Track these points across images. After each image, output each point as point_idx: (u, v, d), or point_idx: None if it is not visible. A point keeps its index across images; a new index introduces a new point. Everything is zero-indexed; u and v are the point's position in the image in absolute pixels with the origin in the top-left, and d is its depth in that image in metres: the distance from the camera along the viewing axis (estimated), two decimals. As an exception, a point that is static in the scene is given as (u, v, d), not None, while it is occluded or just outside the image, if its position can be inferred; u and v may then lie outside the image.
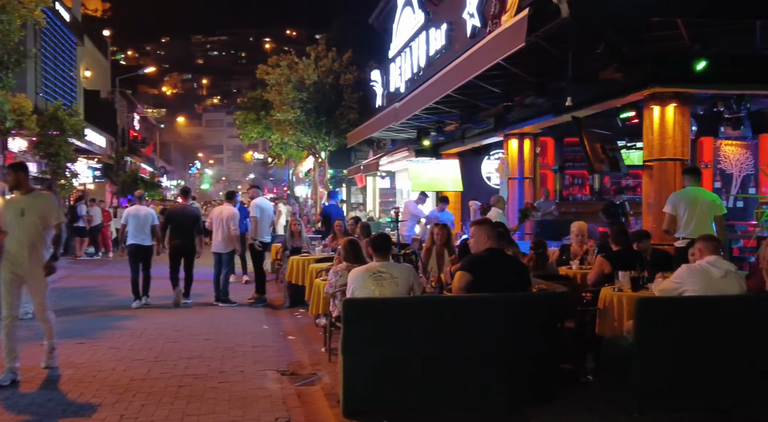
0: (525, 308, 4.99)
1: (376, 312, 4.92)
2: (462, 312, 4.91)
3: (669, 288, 5.20)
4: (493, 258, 5.26)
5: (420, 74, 11.70)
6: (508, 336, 4.94)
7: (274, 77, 16.64)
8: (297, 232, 11.12)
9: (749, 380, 4.75)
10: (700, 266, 5.08)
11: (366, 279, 5.28)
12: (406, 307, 4.94)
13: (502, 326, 4.92)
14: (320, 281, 7.45)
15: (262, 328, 8.80)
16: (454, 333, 4.88)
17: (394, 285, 5.23)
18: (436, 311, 4.89)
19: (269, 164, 44.61)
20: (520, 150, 12.11)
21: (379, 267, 5.31)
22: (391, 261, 5.42)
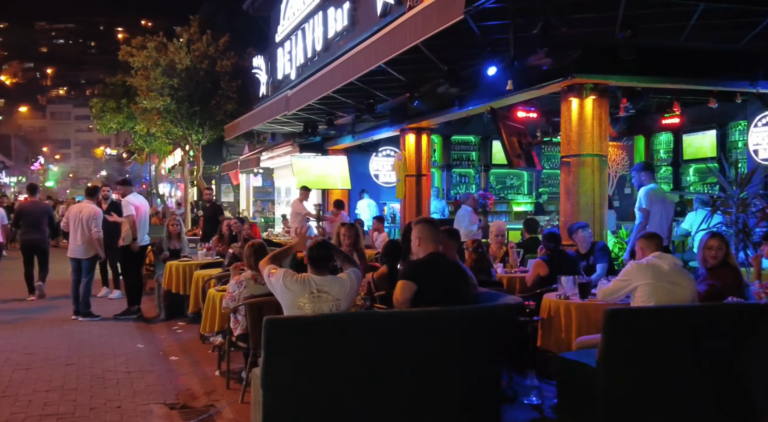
0: (483, 323, 4.23)
1: (308, 334, 3.94)
2: (412, 329, 4.06)
3: (616, 288, 4.72)
4: (435, 264, 4.46)
5: (315, 59, 10.73)
6: (464, 356, 4.16)
7: (139, 60, 14.85)
8: (176, 234, 9.74)
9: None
10: (647, 261, 4.65)
11: (300, 295, 4.28)
12: (347, 326, 4.00)
13: (456, 345, 4.13)
14: (216, 292, 6.30)
15: (136, 347, 7.44)
16: (402, 357, 4.02)
17: (335, 309, 4.28)
18: (385, 330, 4.01)
19: (127, 160, 41.29)
20: (417, 145, 11.50)
21: (320, 285, 4.32)
22: (330, 276, 4.43)
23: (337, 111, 11.72)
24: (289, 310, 4.31)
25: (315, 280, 4.33)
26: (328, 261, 4.48)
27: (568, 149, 7.58)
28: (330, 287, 4.32)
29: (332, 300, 4.29)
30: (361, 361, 3.99)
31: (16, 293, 10.99)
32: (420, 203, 11.65)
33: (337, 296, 4.30)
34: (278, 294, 4.38)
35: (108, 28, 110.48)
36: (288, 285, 4.31)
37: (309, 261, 4.45)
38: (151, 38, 15.38)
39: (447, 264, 4.55)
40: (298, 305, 4.27)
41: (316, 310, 4.24)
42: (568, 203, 7.58)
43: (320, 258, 4.43)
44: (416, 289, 4.28)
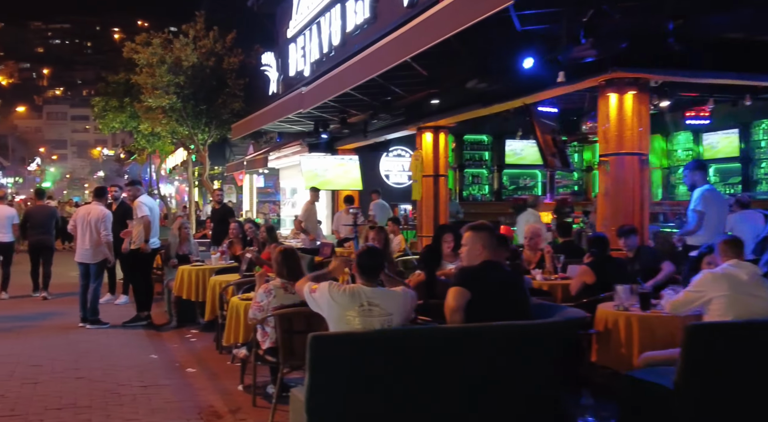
0: (545, 339, 3.80)
1: (358, 351, 3.51)
2: (473, 346, 3.64)
3: (687, 300, 4.30)
4: (491, 273, 4.03)
5: (331, 55, 10.31)
6: (525, 375, 3.74)
7: (144, 57, 14.38)
8: (185, 238, 9.30)
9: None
10: (723, 270, 4.24)
11: (349, 309, 3.85)
12: (402, 343, 3.57)
13: (518, 363, 3.72)
14: (239, 301, 5.86)
15: (149, 358, 7.00)
16: (461, 376, 3.60)
17: (386, 325, 3.84)
18: (443, 347, 3.58)
19: (126, 160, 40.77)
20: (435, 144, 11.07)
21: (371, 298, 3.88)
22: (381, 289, 4.00)
23: (351, 109, 11.30)
24: (336, 325, 3.88)
25: (365, 292, 3.90)
26: (379, 271, 4.04)
27: (607, 148, 7.18)
28: (381, 300, 3.89)
29: (384, 314, 3.85)
30: (416, 381, 3.57)
31: (24, 292, 11.41)
32: (438, 204, 11.24)
33: (389, 310, 3.87)
34: (324, 310, 3.95)
35: (103, 28, 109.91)
36: (335, 298, 3.89)
37: (358, 271, 4.02)
38: (156, 35, 14.92)
39: (504, 273, 4.13)
40: (346, 319, 3.84)
41: (366, 325, 3.82)
42: (606, 205, 7.17)
43: (370, 267, 4.00)
44: (470, 297, 3.87)
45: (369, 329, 3.79)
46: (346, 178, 14.46)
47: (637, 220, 7.05)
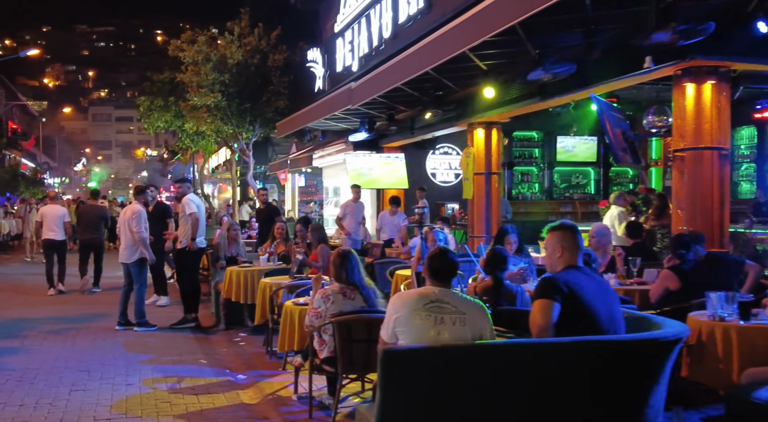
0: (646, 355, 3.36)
1: (435, 367, 3.15)
2: (564, 364, 3.23)
3: None
4: (580, 280, 3.60)
5: (381, 48, 9.96)
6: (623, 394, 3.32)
7: (189, 55, 14.27)
8: (234, 238, 9.08)
9: None
10: None
11: (416, 310, 3.48)
12: (486, 359, 3.18)
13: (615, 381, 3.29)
14: (294, 306, 5.56)
15: (198, 363, 6.76)
16: (552, 399, 3.20)
17: (459, 324, 3.45)
18: (531, 363, 3.18)
19: (169, 160, 41.16)
20: (487, 141, 10.63)
21: (439, 295, 3.52)
22: (454, 291, 3.63)
23: (399, 105, 10.95)
24: (406, 331, 3.49)
25: (434, 291, 3.54)
26: (452, 275, 3.66)
27: (682, 142, 6.66)
28: (452, 298, 3.51)
29: (455, 312, 3.44)
30: (503, 400, 3.19)
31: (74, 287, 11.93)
32: (490, 203, 10.80)
33: (461, 309, 3.47)
34: (399, 325, 3.55)
35: (146, 30, 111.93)
36: (398, 307, 3.54)
37: (428, 274, 3.65)
38: (201, 32, 14.80)
39: (593, 279, 3.70)
40: (414, 322, 3.45)
41: (437, 321, 3.42)
42: (681, 205, 6.66)
43: (443, 269, 3.63)
44: (559, 311, 3.46)
45: (439, 327, 3.41)
46: (392, 176, 14.09)
47: (716, 220, 6.54)
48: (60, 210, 11.88)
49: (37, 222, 11.93)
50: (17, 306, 10.27)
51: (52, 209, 11.80)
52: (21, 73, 67.43)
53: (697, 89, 6.51)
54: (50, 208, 11.91)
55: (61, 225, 11.65)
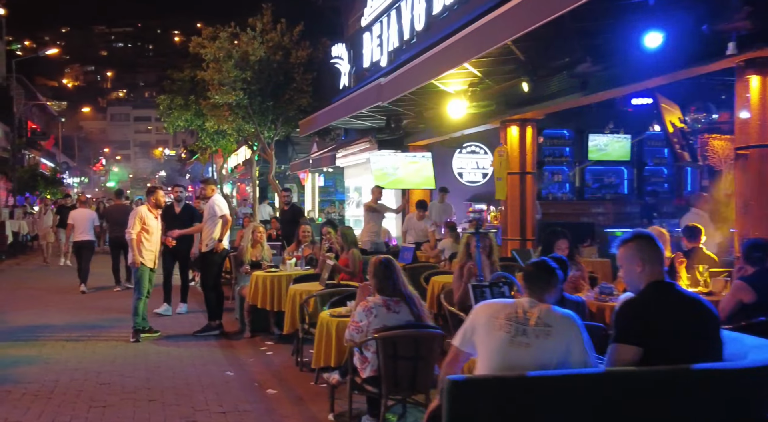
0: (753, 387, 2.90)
1: (513, 400, 2.70)
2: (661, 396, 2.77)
3: None
4: (667, 304, 3.09)
5: (413, 42, 9.51)
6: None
7: (211, 52, 13.90)
8: (259, 243, 8.68)
9: None
10: None
11: (496, 319, 3.03)
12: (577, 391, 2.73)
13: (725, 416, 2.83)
14: (330, 317, 5.12)
15: (224, 376, 6.36)
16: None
17: (543, 337, 2.95)
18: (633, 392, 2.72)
19: (188, 160, 41.02)
20: (521, 138, 10.15)
21: (527, 306, 3.07)
22: (550, 306, 3.16)
23: (429, 101, 10.48)
24: (484, 341, 3.04)
25: (523, 301, 3.10)
26: (550, 289, 3.18)
27: (745, 139, 6.15)
28: (539, 309, 3.05)
29: (540, 324, 2.96)
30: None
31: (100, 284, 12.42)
32: (524, 204, 10.32)
33: (547, 321, 2.98)
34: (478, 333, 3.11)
35: (164, 30, 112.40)
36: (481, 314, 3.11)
37: (525, 284, 3.19)
38: (222, 28, 14.44)
39: (682, 297, 3.19)
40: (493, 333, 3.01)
41: (518, 333, 2.97)
42: (747, 208, 6.14)
43: (540, 279, 3.17)
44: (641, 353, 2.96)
45: (520, 339, 2.96)
46: (418, 176, 13.64)
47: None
48: (90, 213, 12.53)
49: (69, 224, 12.36)
50: (35, 310, 9.98)
51: (82, 213, 12.40)
52: (40, 73, 67.69)
53: (763, 82, 5.99)
54: (80, 211, 12.53)
55: (91, 228, 12.15)
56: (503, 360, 2.97)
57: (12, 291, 11.88)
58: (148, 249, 8.06)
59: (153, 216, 8.17)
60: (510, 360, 2.97)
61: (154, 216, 8.19)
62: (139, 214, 8.04)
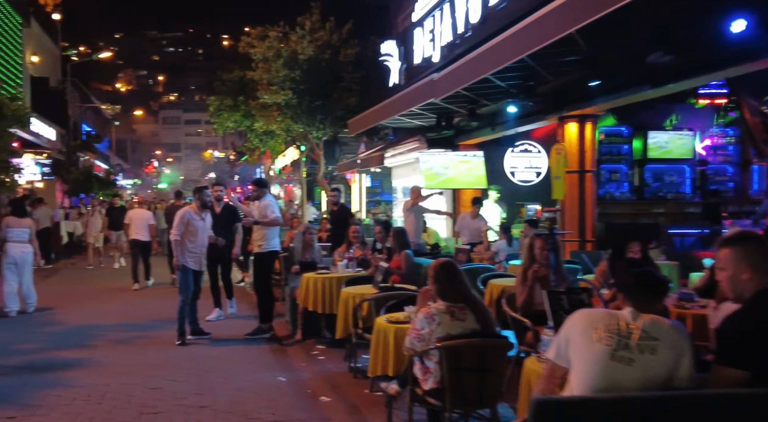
0: None
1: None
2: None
3: None
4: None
5: (467, 36, 9.18)
6: None
7: (260, 51, 13.83)
8: (310, 243, 8.48)
9: None
10: None
11: (596, 330, 2.70)
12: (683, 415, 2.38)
13: None
14: (386, 323, 4.85)
15: (276, 381, 6.16)
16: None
17: (648, 353, 2.61)
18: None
19: (236, 161, 41.46)
20: (580, 135, 9.71)
21: (631, 317, 2.74)
22: (656, 316, 2.81)
23: (483, 98, 10.14)
24: (580, 355, 2.72)
25: (627, 312, 2.77)
26: (655, 299, 2.83)
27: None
28: (645, 322, 2.72)
29: (646, 337, 2.62)
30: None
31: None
32: (584, 205, 9.88)
33: (653, 335, 2.65)
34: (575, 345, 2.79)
35: (214, 35, 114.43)
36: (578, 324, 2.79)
37: (627, 294, 2.85)
38: (271, 28, 14.36)
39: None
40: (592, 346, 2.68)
41: (620, 346, 2.64)
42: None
43: (649, 292, 2.82)
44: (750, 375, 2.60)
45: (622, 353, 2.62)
46: (469, 175, 13.28)
47: None
48: (146, 213, 12.99)
49: (126, 224, 12.83)
50: (87, 311, 10.03)
51: (139, 213, 12.86)
52: (95, 78, 69.58)
53: None
54: (137, 211, 13.00)
55: (146, 228, 12.52)
56: (602, 376, 2.64)
57: (66, 292, 12.00)
58: (191, 251, 7.80)
59: (199, 217, 7.93)
60: (610, 377, 2.64)
61: (200, 218, 7.94)
62: (182, 215, 7.89)
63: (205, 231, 8.02)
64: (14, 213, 9.80)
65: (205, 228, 8.05)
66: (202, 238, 7.96)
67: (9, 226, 9.47)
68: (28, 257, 9.60)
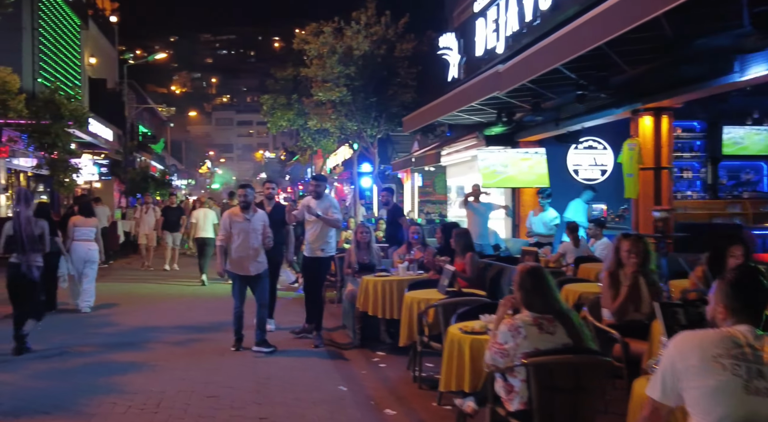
0: None
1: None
2: None
3: None
4: None
5: (535, 24, 8.67)
6: None
7: (315, 47, 13.56)
8: (365, 244, 8.12)
9: None
10: None
11: (716, 358, 2.29)
12: None
13: None
14: (462, 334, 4.43)
15: (337, 390, 5.82)
16: None
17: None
18: None
19: (287, 161, 41.59)
20: (656, 130, 9.08)
21: (750, 337, 2.31)
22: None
23: (548, 90, 9.60)
24: (702, 389, 2.28)
25: (740, 331, 2.31)
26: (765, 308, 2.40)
27: None
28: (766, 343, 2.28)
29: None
30: None
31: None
32: (659, 203, 9.22)
33: None
34: (689, 378, 2.35)
35: (265, 37, 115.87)
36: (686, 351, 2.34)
37: (730, 307, 2.41)
38: (326, 23, 14.09)
39: None
40: (715, 377, 2.25)
41: (751, 375, 2.21)
42: None
43: (754, 301, 2.38)
44: None
45: (756, 384, 2.18)
46: (530, 174, 12.69)
47: None
48: (210, 212, 13.62)
49: (192, 223, 13.74)
50: (145, 311, 9.95)
51: (204, 212, 13.59)
52: (151, 81, 71.17)
53: None
54: (202, 211, 13.72)
55: (210, 226, 13.27)
56: (738, 414, 2.18)
57: (123, 292, 11.97)
58: (235, 255, 7.25)
59: (239, 219, 7.27)
60: (746, 413, 2.18)
61: (243, 219, 7.25)
62: (223, 219, 7.48)
63: (251, 233, 7.25)
64: (81, 212, 9.89)
65: (251, 228, 7.26)
66: (248, 240, 7.23)
67: (76, 225, 9.53)
68: (93, 255, 9.74)
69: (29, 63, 19.64)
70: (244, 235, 7.23)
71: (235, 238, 7.26)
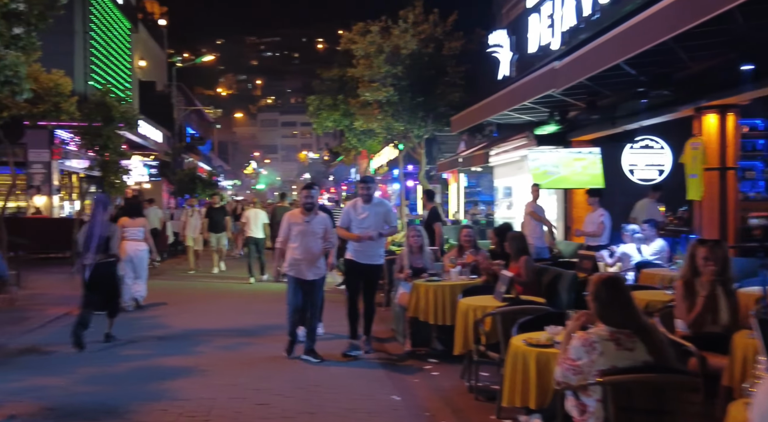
0: None
1: None
2: None
3: None
4: None
5: (594, 18, 8.33)
6: None
7: (362, 47, 13.41)
8: (417, 247, 7.89)
9: None
10: None
11: None
12: None
13: None
14: (526, 346, 4.16)
15: (389, 400, 5.62)
16: None
17: None
18: None
19: (331, 162, 41.66)
20: (721, 128, 8.61)
21: None
22: None
23: (605, 88, 9.22)
24: None
25: None
26: None
27: None
28: None
29: None
30: None
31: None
32: (725, 206, 8.76)
33: None
34: None
35: (309, 39, 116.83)
36: None
37: None
38: (373, 23, 13.92)
39: None
40: None
41: None
42: None
43: None
44: None
45: None
46: (584, 174, 12.23)
47: None
48: (260, 213, 13.92)
49: (243, 222, 14.10)
50: (194, 313, 9.96)
51: (254, 212, 13.87)
52: (198, 83, 72.48)
53: None
54: (253, 211, 13.98)
55: (260, 226, 13.58)
56: None
57: (172, 293, 12.02)
58: (293, 257, 7.05)
59: (298, 221, 7.07)
60: None
61: (302, 221, 7.06)
62: (283, 220, 7.30)
63: (309, 237, 7.04)
64: (128, 213, 10.01)
65: (311, 231, 7.07)
66: (307, 244, 7.03)
67: (124, 226, 9.59)
68: (143, 254, 9.88)
69: (81, 66, 20.08)
70: (302, 238, 7.02)
71: (293, 241, 7.07)
